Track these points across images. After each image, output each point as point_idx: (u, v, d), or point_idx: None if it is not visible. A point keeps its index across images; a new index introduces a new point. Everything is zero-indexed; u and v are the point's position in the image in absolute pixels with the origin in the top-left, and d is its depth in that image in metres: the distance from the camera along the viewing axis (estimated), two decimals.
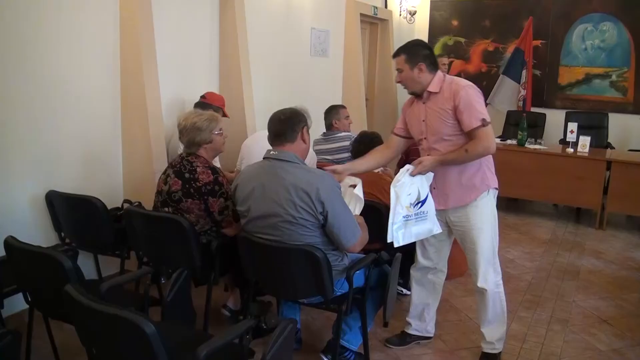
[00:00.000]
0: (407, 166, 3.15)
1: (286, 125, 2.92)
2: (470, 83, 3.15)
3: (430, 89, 3.14)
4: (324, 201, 2.77)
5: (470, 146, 3.04)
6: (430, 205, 3.23)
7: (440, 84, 3.13)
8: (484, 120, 3.01)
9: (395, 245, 3.18)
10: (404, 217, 3.16)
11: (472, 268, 3.30)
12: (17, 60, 3.57)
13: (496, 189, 3.26)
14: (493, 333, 3.38)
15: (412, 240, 3.26)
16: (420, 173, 3.13)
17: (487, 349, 3.41)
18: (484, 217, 3.20)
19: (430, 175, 3.19)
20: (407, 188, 3.13)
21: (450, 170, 3.18)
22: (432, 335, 3.67)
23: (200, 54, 5.24)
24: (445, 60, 6.87)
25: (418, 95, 3.23)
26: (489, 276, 3.26)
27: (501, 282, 3.34)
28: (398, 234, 3.17)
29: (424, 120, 3.20)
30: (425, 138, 3.22)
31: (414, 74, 3.13)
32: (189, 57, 5.07)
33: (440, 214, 3.33)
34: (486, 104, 8.68)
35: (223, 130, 3.48)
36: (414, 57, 3.13)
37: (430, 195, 3.21)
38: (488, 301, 3.29)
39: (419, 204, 3.19)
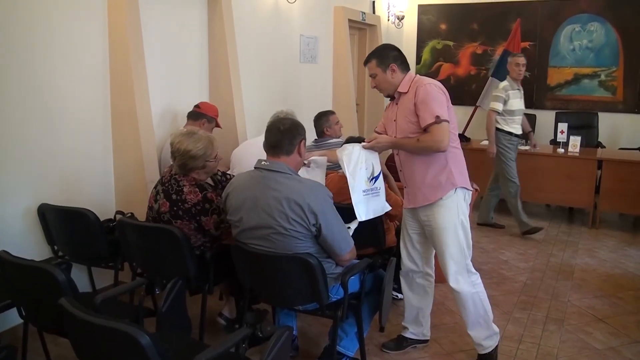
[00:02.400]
0: (362, 144, 3.24)
1: (285, 138, 2.91)
2: (434, 81, 3.17)
3: (400, 89, 3.21)
4: (316, 213, 2.77)
5: (422, 137, 3.08)
6: (381, 183, 3.32)
7: (409, 83, 3.19)
8: (437, 117, 3.01)
9: (359, 219, 3.22)
10: (364, 191, 3.23)
11: (442, 269, 3.31)
12: (7, 73, 3.55)
13: (465, 188, 3.25)
14: (479, 334, 3.37)
15: (371, 217, 3.30)
16: (373, 148, 3.23)
17: (480, 350, 3.42)
18: (449, 217, 3.20)
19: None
20: (364, 163, 3.22)
21: (417, 169, 3.22)
22: (428, 338, 3.66)
23: (190, 63, 5.23)
24: (521, 60, 6.17)
25: (393, 97, 3.29)
26: (461, 277, 3.25)
27: (478, 281, 3.32)
28: (359, 209, 3.22)
29: (395, 120, 3.25)
30: (395, 137, 3.26)
31: (387, 76, 3.22)
32: (178, 66, 5.06)
33: (413, 213, 3.37)
34: (476, 106, 8.73)
35: (218, 153, 3.44)
36: (384, 59, 3.21)
37: (382, 174, 3.32)
38: (467, 303, 3.29)
39: (373, 180, 3.28)
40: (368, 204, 3.25)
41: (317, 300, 2.90)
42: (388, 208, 3.38)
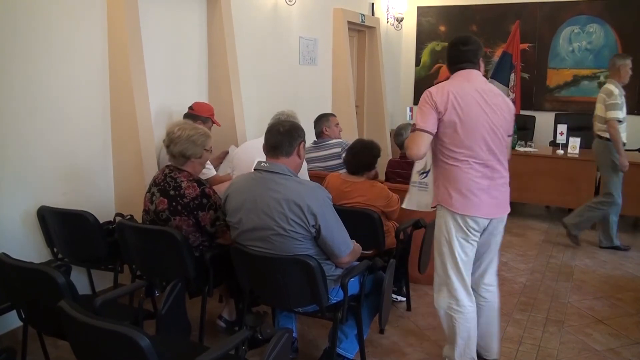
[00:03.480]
0: None
1: (284, 139, 2.92)
2: (435, 87, 3.02)
3: None
4: (316, 214, 2.78)
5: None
6: (430, 179, 3.34)
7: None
8: (414, 125, 2.97)
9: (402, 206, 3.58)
10: (412, 183, 3.43)
11: None
12: (6, 76, 3.56)
13: (452, 211, 3.02)
14: (447, 350, 3.30)
15: (413, 208, 3.48)
16: None
17: None
18: (437, 227, 3.14)
19: None
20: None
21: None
22: None
23: (189, 65, 5.24)
24: (628, 62, 5.49)
25: None
26: (439, 291, 3.18)
27: (457, 308, 3.11)
28: (406, 197, 3.46)
29: None
30: None
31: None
32: (177, 68, 5.07)
33: None
34: None
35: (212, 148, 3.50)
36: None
37: (432, 170, 3.26)
38: (440, 316, 3.24)
39: (424, 174, 3.40)
40: (416, 196, 3.43)
41: (316, 302, 2.90)
42: (429, 209, 3.35)
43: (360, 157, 3.90)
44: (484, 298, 3.28)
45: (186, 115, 4.56)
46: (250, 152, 4.11)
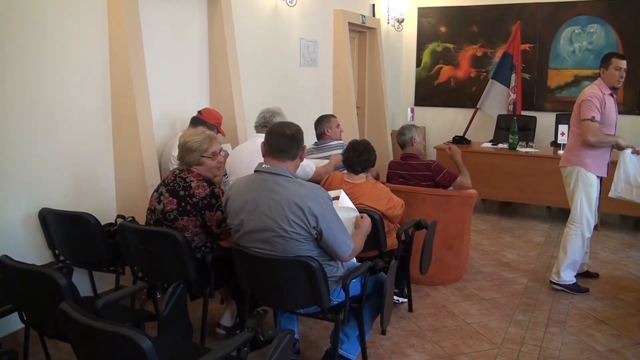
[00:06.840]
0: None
1: (293, 143, 2.92)
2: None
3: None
4: (317, 216, 2.77)
5: None
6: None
7: None
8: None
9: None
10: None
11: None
12: (8, 80, 3.56)
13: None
14: None
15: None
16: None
17: None
18: None
19: None
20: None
21: None
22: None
23: (190, 67, 5.23)
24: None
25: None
26: None
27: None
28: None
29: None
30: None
31: None
32: (178, 70, 5.06)
33: None
34: (476, 109, 8.71)
35: (218, 152, 3.42)
36: None
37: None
38: None
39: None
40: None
41: (318, 303, 2.90)
42: None
43: (370, 154, 3.91)
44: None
45: (193, 118, 4.56)
46: (243, 154, 4.10)
